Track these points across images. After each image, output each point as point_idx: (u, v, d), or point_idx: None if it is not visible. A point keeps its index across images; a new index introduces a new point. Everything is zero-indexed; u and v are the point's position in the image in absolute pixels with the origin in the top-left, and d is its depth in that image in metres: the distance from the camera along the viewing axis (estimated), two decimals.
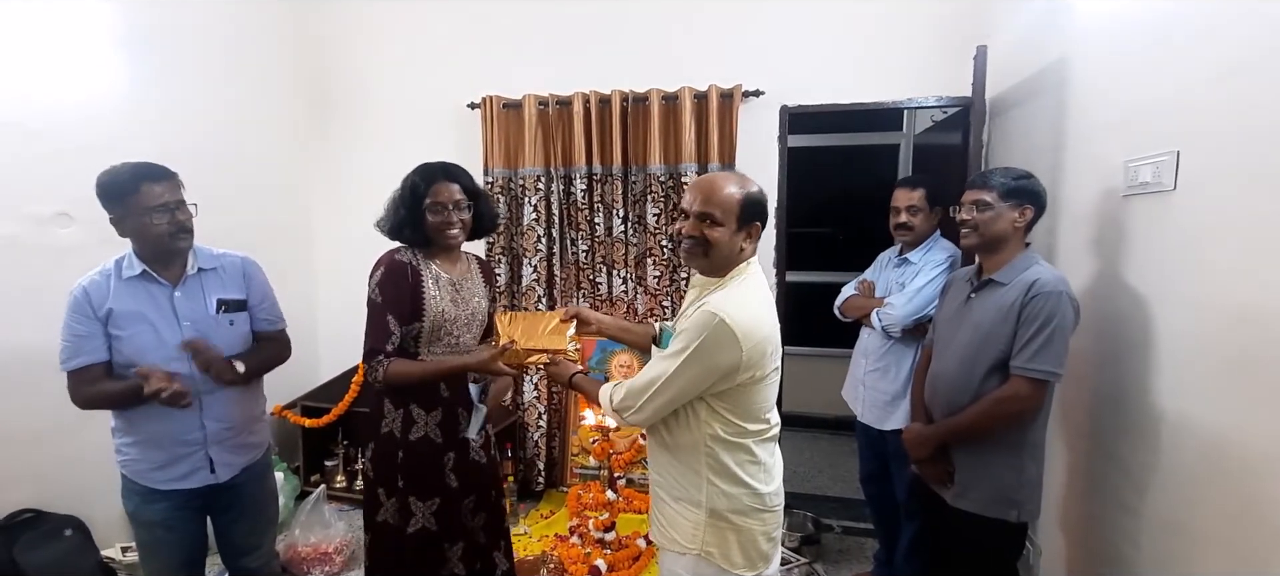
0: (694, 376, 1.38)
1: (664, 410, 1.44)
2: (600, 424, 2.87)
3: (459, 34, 3.45)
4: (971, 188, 1.83)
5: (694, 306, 1.47)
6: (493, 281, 2.02)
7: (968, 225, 1.81)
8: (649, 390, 1.42)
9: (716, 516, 1.46)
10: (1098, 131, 1.97)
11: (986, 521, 1.75)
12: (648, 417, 1.46)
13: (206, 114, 2.97)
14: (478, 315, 1.93)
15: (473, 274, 1.97)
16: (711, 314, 1.34)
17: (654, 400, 1.42)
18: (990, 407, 1.71)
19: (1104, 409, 1.90)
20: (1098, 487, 1.93)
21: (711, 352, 1.35)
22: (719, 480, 1.46)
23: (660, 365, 1.42)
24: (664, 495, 1.54)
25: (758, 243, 1.49)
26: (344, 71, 3.61)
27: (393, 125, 3.57)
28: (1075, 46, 2.11)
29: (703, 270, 1.52)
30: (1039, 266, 1.72)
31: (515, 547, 2.81)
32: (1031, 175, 1.79)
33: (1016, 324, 1.67)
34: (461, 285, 1.90)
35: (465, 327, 1.90)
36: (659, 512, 1.57)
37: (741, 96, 3.07)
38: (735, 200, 1.43)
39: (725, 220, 1.42)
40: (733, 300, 1.39)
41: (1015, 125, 2.64)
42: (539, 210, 3.29)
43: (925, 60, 2.95)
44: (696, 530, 1.47)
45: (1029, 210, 1.75)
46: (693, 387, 1.40)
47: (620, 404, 1.49)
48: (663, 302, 3.26)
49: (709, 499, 1.46)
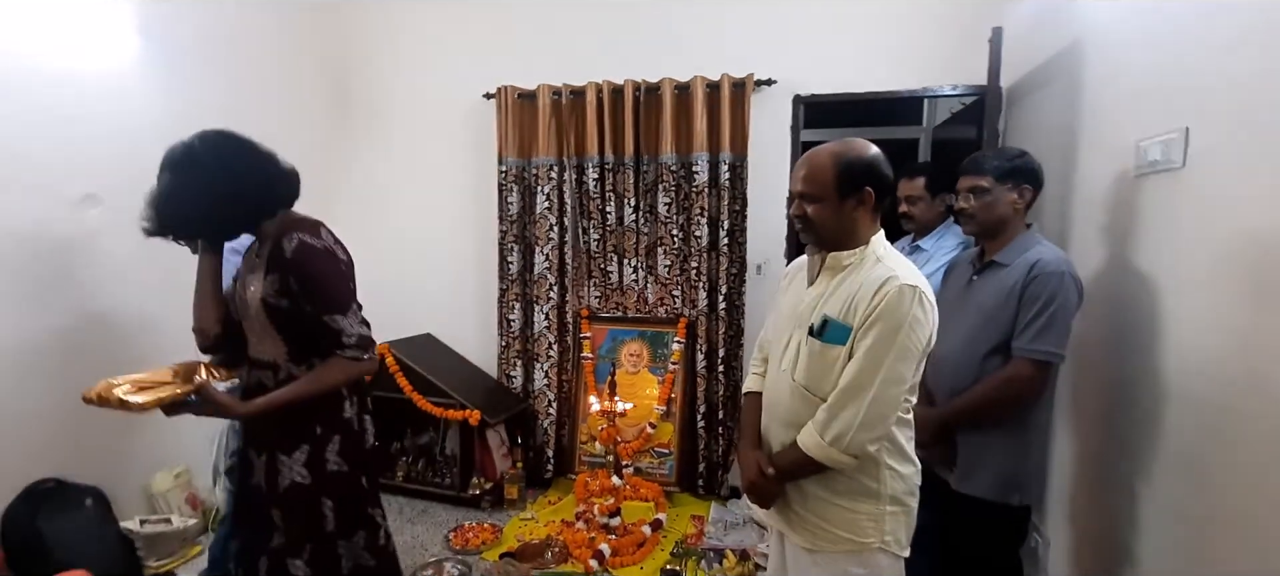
0: (916, 360, 1.30)
1: None
2: (606, 409, 2.88)
3: (476, 25, 3.51)
4: (965, 174, 1.80)
5: (845, 285, 1.34)
6: (284, 266, 1.50)
7: (965, 213, 1.79)
8: (879, 405, 1.27)
9: (895, 502, 1.36)
10: (1110, 113, 1.93)
11: (990, 505, 1.72)
12: (888, 430, 1.32)
13: (229, 105, 3.05)
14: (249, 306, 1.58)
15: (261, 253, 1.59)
16: (906, 287, 1.26)
17: (892, 406, 1.29)
18: (992, 389, 1.68)
19: (1113, 396, 1.85)
20: (1107, 476, 1.88)
21: (922, 327, 1.27)
22: (896, 462, 1.36)
23: (868, 373, 1.26)
24: (825, 494, 1.38)
25: (876, 207, 1.36)
26: (362, 65, 3.69)
27: (410, 117, 3.65)
28: (1088, 28, 2.07)
29: (825, 245, 1.39)
30: (1041, 247, 1.69)
31: (523, 532, 2.86)
32: (1026, 153, 1.76)
33: (1018, 305, 1.65)
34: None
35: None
36: (817, 516, 1.40)
37: (753, 85, 3.07)
38: (829, 170, 1.33)
39: (822, 193, 1.34)
40: (903, 266, 1.32)
41: (1030, 113, 2.60)
42: (551, 199, 3.32)
43: (941, 48, 2.92)
44: (876, 522, 1.35)
45: (1027, 189, 1.73)
46: (915, 373, 1.31)
47: (852, 441, 1.28)
48: (672, 292, 3.26)
49: (887, 485, 1.35)
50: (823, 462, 1.32)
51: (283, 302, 1.52)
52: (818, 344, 1.35)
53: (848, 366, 1.30)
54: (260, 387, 1.58)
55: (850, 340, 1.30)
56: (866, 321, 1.28)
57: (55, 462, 2.39)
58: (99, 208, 2.48)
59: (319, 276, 1.51)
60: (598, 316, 3.41)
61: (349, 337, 1.52)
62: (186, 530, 2.63)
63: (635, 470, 3.17)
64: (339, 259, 1.56)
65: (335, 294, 1.52)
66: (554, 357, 3.42)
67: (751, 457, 1.47)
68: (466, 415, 3.06)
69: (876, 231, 1.38)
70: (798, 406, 1.39)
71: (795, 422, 1.39)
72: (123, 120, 2.55)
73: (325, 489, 1.58)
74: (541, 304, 3.40)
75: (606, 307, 3.40)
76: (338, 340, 1.51)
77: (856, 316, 1.30)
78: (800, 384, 1.38)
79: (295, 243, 1.49)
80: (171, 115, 2.77)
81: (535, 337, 3.44)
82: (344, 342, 1.52)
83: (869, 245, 1.36)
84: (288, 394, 1.51)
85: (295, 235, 1.50)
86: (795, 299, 1.47)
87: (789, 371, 1.41)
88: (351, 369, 1.55)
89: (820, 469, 1.34)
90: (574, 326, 3.43)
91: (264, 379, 1.59)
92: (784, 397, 1.42)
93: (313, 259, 1.50)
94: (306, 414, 1.54)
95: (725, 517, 3.00)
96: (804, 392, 1.38)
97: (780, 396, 1.44)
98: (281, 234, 1.52)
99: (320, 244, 1.53)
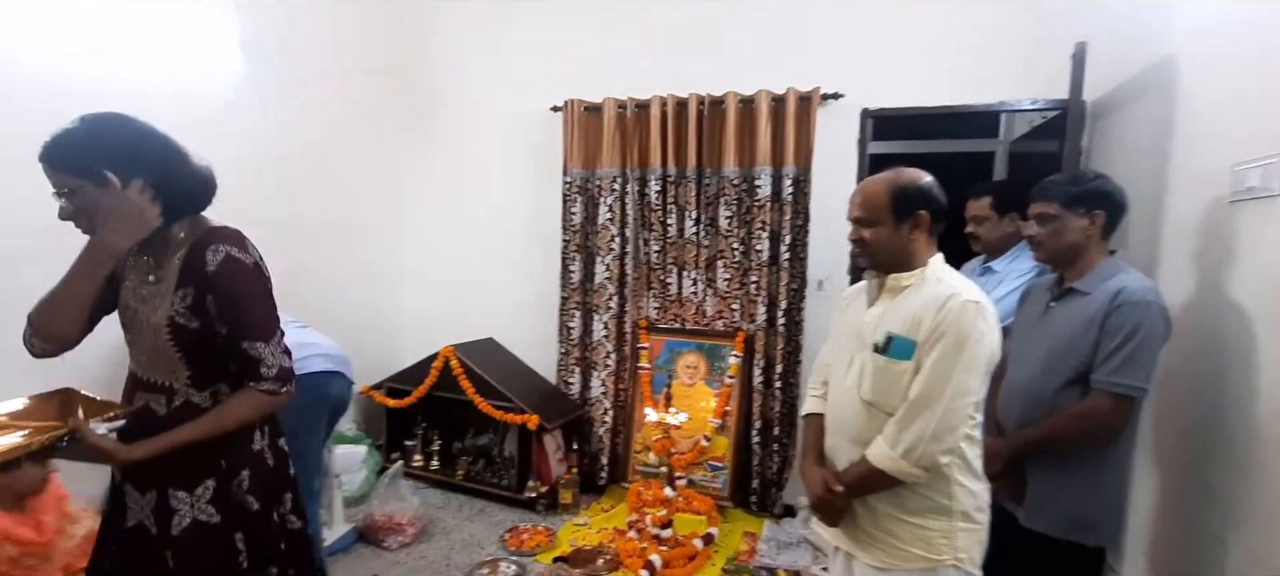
0: (982, 372, 1.31)
1: None
2: (661, 420, 2.90)
3: (545, 40, 3.61)
4: (1032, 201, 1.74)
5: (905, 304, 1.37)
6: (205, 281, 1.25)
7: (1034, 240, 1.73)
8: (949, 417, 1.28)
9: (966, 518, 1.36)
10: (1205, 134, 1.81)
11: (1060, 544, 1.64)
12: (958, 443, 1.33)
13: (317, 114, 3.26)
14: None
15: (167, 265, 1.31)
16: (969, 302, 1.29)
17: (961, 418, 1.30)
18: (1068, 422, 1.61)
19: (1199, 434, 1.74)
20: (1189, 519, 1.76)
21: (987, 339, 1.29)
22: (965, 477, 1.35)
23: (936, 385, 1.28)
24: (896, 511, 1.37)
25: (932, 230, 1.40)
26: (438, 77, 3.86)
27: (480, 128, 3.79)
28: (1182, 44, 1.95)
29: (883, 268, 1.43)
30: (1126, 274, 1.60)
31: (576, 537, 2.91)
32: (1101, 176, 1.67)
33: (1099, 334, 1.57)
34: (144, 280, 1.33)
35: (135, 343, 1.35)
36: (888, 534, 1.39)
37: (820, 99, 3.03)
38: (883, 196, 1.38)
39: (877, 217, 1.39)
40: (962, 283, 1.35)
41: (1117, 129, 2.46)
42: (614, 210, 3.38)
43: (1020, 60, 2.81)
44: (948, 538, 1.35)
45: (1100, 215, 1.64)
46: (981, 386, 1.32)
47: (923, 452, 1.29)
48: (731, 305, 3.25)
49: (958, 501, 1.35)
50: (893, 476, 1.33)
51: (194, 323, 1.26)
52: (883, 360, 1.37)
53: (915, 381, 1.32)
54: (149, 415, 1.29)
55: (916, 355, 1.32)
56: (931, 336, 1.30)
57: None
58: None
59: (246, 297, 1.27)
60: (656, 327, 3.44)
61: (268, 369, 1.27)
62: None
63: (688, 482, 3.17)
64: (265, 276, 1.32)
65: (261, 318, 1.29)
66: (611, 366, 3.47)
67: (817, 474, 1.48)
68: (525, 419, 3.14)
69: (934, 253, 1.42)
70: (864, 423, 1.40)
71: (862, 439, 1.40)
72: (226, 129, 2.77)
73: (236, 525, 1.33)
74: (601, 313, 3.46)
75: (665, 319, 3.42)
76: (255, 370, 1.26)
77: (921, 332, 1.32)
78: (867, 400, 1.40)
79: (222, 256, 1.24)
80: (269, 122, 2.98)
81: (594, 346, 3.50)
82: (262, 374, 1.27)
83: (928, 266, 1.40)
84: (186, 435, 1.24)
85: (221, 247, 1.25)
86: (854, 321, 1.49)
87: (854, 389, 1.42)
88: (266, 404, 1.30)
89: (889, 483, 1.35)
90: (632, 336, 3.47)
91: (154, 404, 1.30)
92: (850, 415, 1.44)
93: (241, 277, 1.26)
94: (209, 446, 1.28)
95: (778, 536, 2.96)
96: (871, 408, 1.39)
97: (846, 414, 1.45)
98: (203, 244, 1.25)
99: (249, 260, 1.29)
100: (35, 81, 2.13)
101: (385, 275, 3.91)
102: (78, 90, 2.22)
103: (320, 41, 3.27)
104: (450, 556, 2.77)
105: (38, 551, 1.86)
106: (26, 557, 1.84)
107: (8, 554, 1.78)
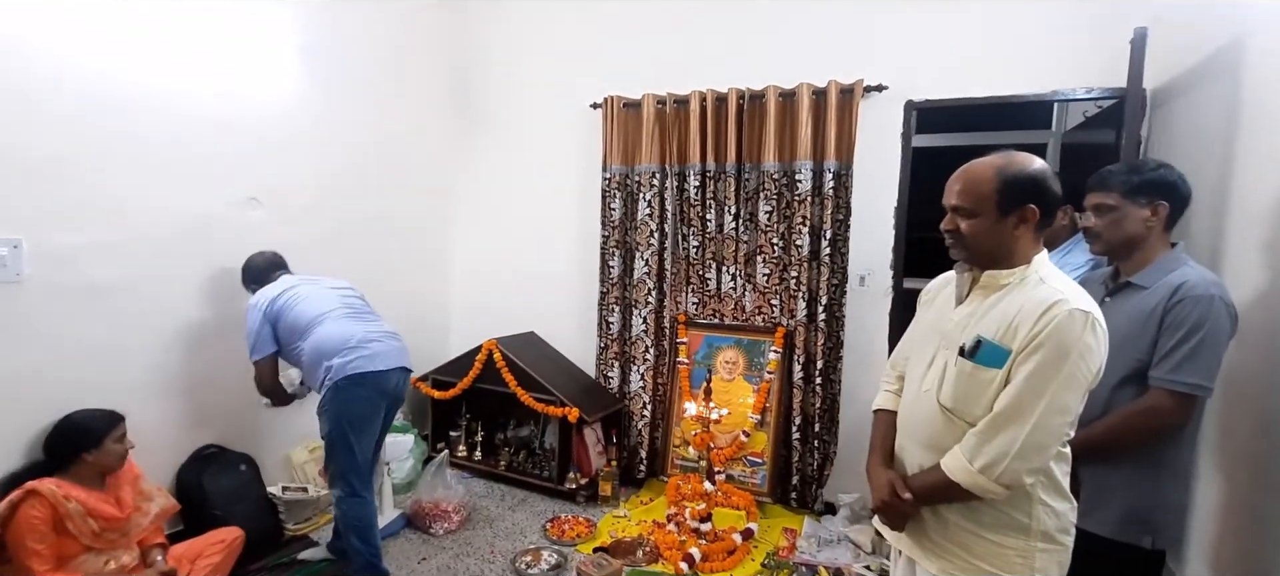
0: (1083, 390, 1.20)
1: None
2: (701, 414, 2.90)
3: (585, 38, 3.65)
4: (1090, 191, 1.67)
5: (1001, 305, 1.25)
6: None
7: (1091, 231, 1.67)
8: (1040, 434, 1.17)
9: (1047, 539, 1.26)
10: (1274, 121, 1.72)
11: (1115, 545, 1.59)
12: (1047, 462, 1.24)
13: (365, 119, 3.36)
14: None
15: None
16: (1077, 311, 1.16)
17: (1054, 437, 1.20)
18: (1125, 421, 1.55)
19: (1271, 437, 1.66)
20: (1261, 527, 1.69)
21: (1093, 355, 1.18)
22: (1050, 497, 1.26)
23: (1029, 400, 1.17)
24: (970, 525, 1.29)
25: (1040, 226, 1.25)
26: (481, 75, 3.95)
27: (524, 126, 3.86)
28: (1250, 26, 1.86)
29: (979, 263, 1.30)
30: (1187, 267, 1.54)
31: (616, 529, 2.94)
32: (1163, 165, 1.60)
33: (1158, 330, 1.51)
34: None
35: None
36: (958, 546, 1.31)
37: (862, 91, 2.99)
38: (988, 184, 1.24)
39: (979, 209, 1.25)
40: (1072, 289, 1.22)
41: (1179, 118, 2.36)
42: (653, 205, 3.39)
43: (1073, 48, 2.71)
44: (1025, 558, 1.25)
45: (1163, 206, 1.57)
46: (1079, 404, 1.21)
47: (1006, 470, 1.19)
48: (771, 301, 3.24)
49: (1039, 521, 1.25)
50: (968, 490, 1.23)
51: None
52: (969, 365, 1.26)
53: (1005, 391, 1.21)
54: None
55: (1008, 364, 1.21)
56: (1029, 344, 1.18)
57: (216, 431, 2.75)
58: (260, 210, 2.81)
59: None
60: (695, 322, 3.44)
61: None
62: (320, 499, 2.92)
63: (727, 477, 3.17)
64: None
65: None
66: (650, 361, 3.49)
67: (884, 477, 1.39)
68: (565, 412, 3.19)
69: (1039, 251, 1.28)
70: (940, 429, 1.31)
71: (936, 446, 1.31)
72: (288, 132, 2.90)
73: None
74: (640, 308, 3.48)
75: (703, 314, 3.42)
76: None
77: (1017, 339, 1.20)
78: (946, 406, 1.30)
79: None
80: (319, 125, 3.09)
81: (633, 340, 3.52)
82: None
83: (1031, 265, 1.26)
84: None
85: None
86: (939, 317, 1.39)
87: (933, 392, 1.33)
88: None
89: (963, 496, 1.26)
90: (671, 331, 3.48)
91: None
92: (925, 418, 1.35)
93: None
94: None
95: (818, 533, 2.94)
96: (949, 415, 1.30)
97: (920, 417, 1.37)
98: None
99: None
100: (87, 91, 2.23)
101: (433, 270, 4.02)
102: (135, 99, 2.36)
103: (372, 47, 3.38)
104: (494, 543, 2.84)
105: (117, 526, 1.99)
106: (108, 531, 1.96)
107: (91, 528, 1.90)
